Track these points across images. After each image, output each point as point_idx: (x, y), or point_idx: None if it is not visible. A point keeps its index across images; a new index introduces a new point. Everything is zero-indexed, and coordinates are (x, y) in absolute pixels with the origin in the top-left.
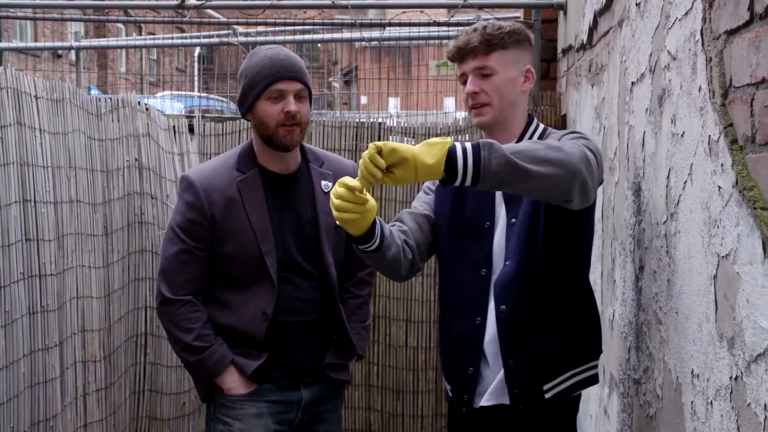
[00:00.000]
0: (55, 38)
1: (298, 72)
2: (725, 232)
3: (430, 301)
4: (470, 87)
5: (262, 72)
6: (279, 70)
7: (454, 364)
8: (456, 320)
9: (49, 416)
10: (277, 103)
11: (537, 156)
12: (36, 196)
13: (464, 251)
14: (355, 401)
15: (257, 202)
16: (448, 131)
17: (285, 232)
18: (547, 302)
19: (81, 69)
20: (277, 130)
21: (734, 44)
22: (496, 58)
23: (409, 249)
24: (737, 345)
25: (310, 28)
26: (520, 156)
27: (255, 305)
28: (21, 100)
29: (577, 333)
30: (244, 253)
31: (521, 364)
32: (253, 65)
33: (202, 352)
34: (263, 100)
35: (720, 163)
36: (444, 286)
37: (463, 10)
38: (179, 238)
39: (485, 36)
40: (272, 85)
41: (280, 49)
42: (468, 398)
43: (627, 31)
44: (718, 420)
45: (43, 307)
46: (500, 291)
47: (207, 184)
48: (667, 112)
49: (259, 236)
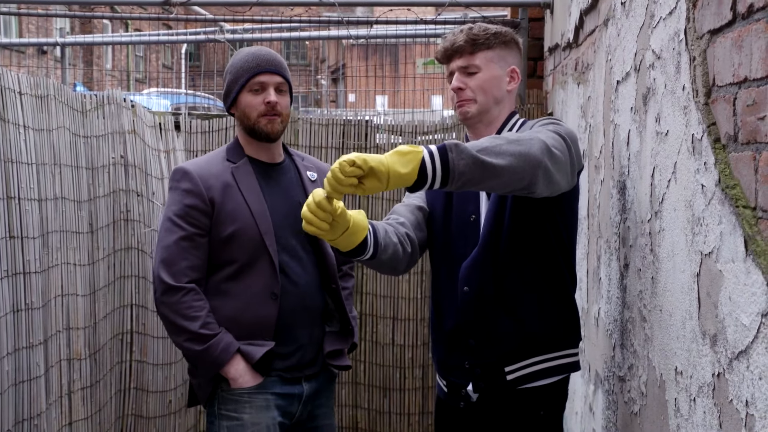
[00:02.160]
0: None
1: (279, 66)
2: (708, 230)
3: (417, 298)
4: (455, 83)
5: (244, 66)
6: (260, 63)
7: (449, 360)
8: (449, 316)
9: (33, 414)
10: (259, 95)
11: (500, 151)
12: (20, 193)
13: (454, 245)
14: (342, 399)
15: (251, 185)
16: (436, 129)
17: (279, 216)
18: (509, 287)
19: (66, 65)
20: (259, 120)
21: (717, 44)
22: (480, 58)
23: (408, 241)
24: (719, 342)
25: (298, 25)
26: (485, 153)
27: (261, 287)
28: (5, 96)
29: (540, 320)
30: (243, 234)
31: (480, 343)
32: (236, 62)
33: (209, 340)
34: (245, 93)
35: (703, 162)
36: (436, 281)
37: (450, 8)
38: (178, 226)
39: (471, 36)
40: (254, 77)
41: (262, 47)
42: (466, 393)
43: (612, 30)
44: (701, 417)
45: (27, 304)
46: (465, 272)
47: (203, 172)
48: (652, 111)
49: (257, 217)
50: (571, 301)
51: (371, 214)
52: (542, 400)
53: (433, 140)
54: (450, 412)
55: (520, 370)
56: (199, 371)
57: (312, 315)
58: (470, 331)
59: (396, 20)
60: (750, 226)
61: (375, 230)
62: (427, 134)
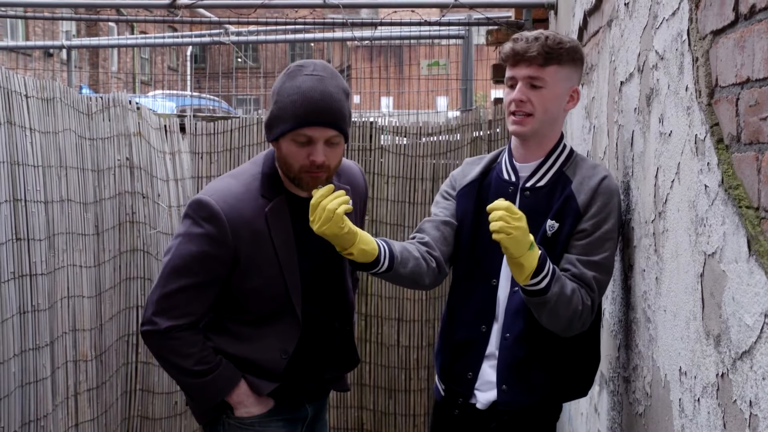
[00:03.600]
0: (47, 37)
1: (333, 117)
2: (711, 231)
3: (422, 300)
4: (518, 95)
5: (291, 109)
6: (309, 113)
7: (453, 367)
8: (462, 326)
9: (40, 416)
10: (304, 148)
11: (564, 314)
12: (26, 195)
13: (478, 260)
14: (348, 400)
15: (285, 234)
16: (440, 130)
17: (309, 264)
18: (548, 339)
19: (72, 68)
20: (301, 176)
21: (720, 44)
22: (549, 72)
23: (432, 259)
24: (723, 342)
25: (303, 27)
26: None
27: (274, 341)
28: (11, 99)
29: (572, 371)
30: (269, 289)
31: (513, 392)
32: (285, 93)
33: (209, 373)
34: (289, 140)
35: (706, 162)
36: (455, 291)
37: (455, 9)
38: (191, 271)
39: (545, 48)
40: (300, 128)
41: (318, 82)
42: (463, 401)
43: (616, 30)
44: (705, 417)
45: (33, 306)
46: (509, 319)
47: (234, 216)
48: (655, 112)
49: (286, 272)
50: (598, 348)
51: (375, 216)
52: (541, 415)
53: (438, 141)
54: (445, 416)
55: (541, 412)
56: (200, 401)
57: (321, 356)
58: (505, 378)
59: (400, 21)
60: (753, 227)
61: (389, 244)
62: (431, 135)
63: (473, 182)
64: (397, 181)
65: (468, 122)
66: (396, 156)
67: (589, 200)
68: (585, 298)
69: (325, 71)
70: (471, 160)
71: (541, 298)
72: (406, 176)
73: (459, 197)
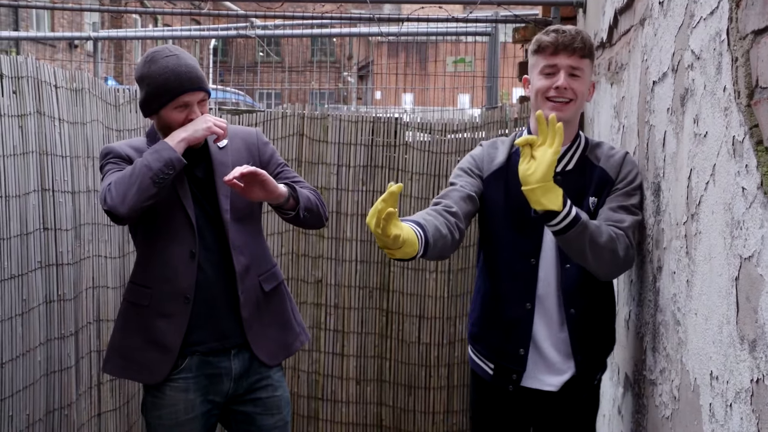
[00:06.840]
0: (73, 28)
1: (200, 82)
2: (749, 234)
3: (443, 297)
4: (562, 82)
5: (166, 85)
6: (183, 83)
7: (505, 346)
8: (509, 305)
9: (63, 404)
10: (182, 112)
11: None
12: (54, 185)
13: (514, 241)
14: (367, 396)
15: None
16: (465, 128)
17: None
18: (599, 302)
19: (98, 59)
20: None
21: (761, 44)
22: (586, 64)
23: (457, 230)
24: (759, 348)
25: (328, 22)
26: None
27: (179, 246)
28: (41, 89)
29: (612, 329)
30: (163, 199)
31: (587, 358)
32: (155, 76)
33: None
34: (169, 109)
35: (744, 165)
36: (495, 273)
37: (481, 6)
38: (117, 165)
39: (586, 42)
40: (178, 97)
41: (179, 59)
42: (517, 377)
43: (649, 29)
44: (737, 423)
45: (59, 296)
46: (568, 295)
47: (126, 146)
48: (690, 112)
49: (177, 183)
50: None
51: (399, 213)
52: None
53: (462, 138)
54: (496, 393)
55: (600, 375)
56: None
57: (228, 289)
58: (579, 348)
59: (427, 18)
60: None
61: (425, 232)
62: (456, 132)
63: (501, 168)
64: (421, 177)
65: (493, 120)
66: (420, 153)
67: (618, 169)
68: (614, 230)
69: (177, 50)
70: (488, 143)
71: (580, 224)
72: (431, 173)
73: (488, 182)
